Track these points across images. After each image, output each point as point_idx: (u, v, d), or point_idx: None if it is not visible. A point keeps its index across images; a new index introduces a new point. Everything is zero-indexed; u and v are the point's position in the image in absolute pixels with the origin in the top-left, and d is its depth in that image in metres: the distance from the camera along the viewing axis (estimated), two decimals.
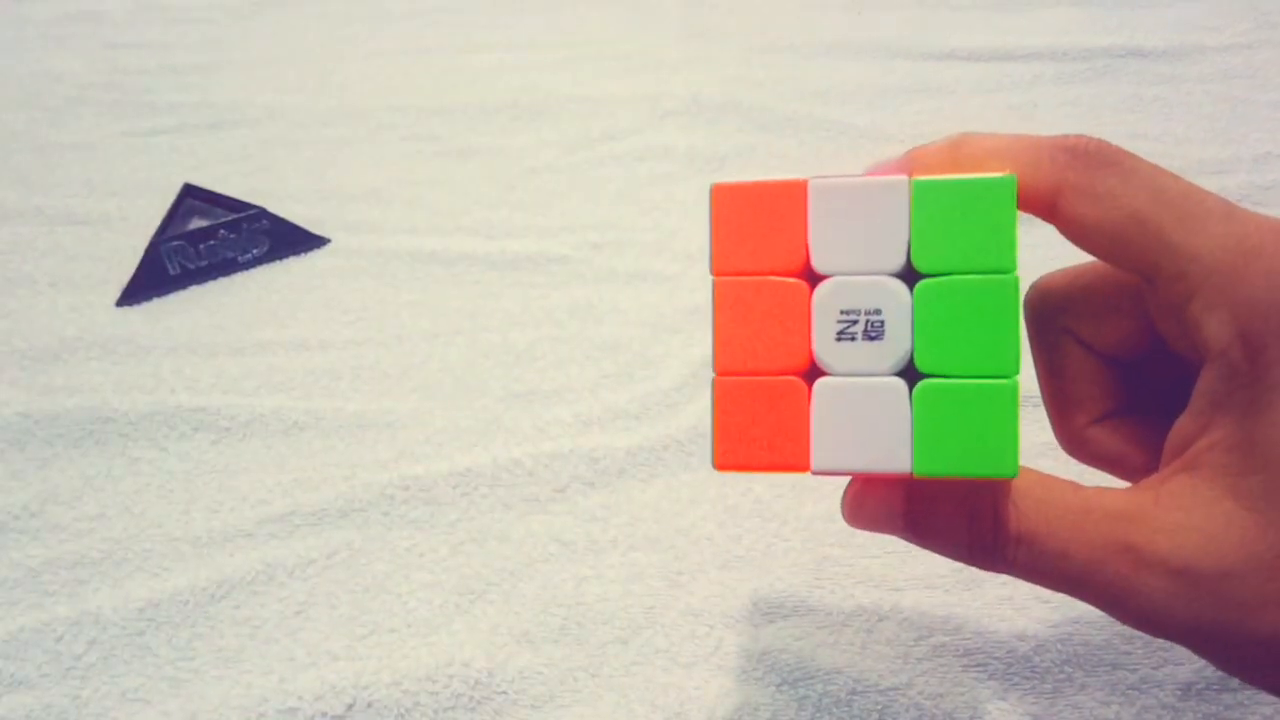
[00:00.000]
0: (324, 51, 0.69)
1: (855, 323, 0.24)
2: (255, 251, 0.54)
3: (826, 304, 0.24)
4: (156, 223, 0.56)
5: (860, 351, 0.24)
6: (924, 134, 0.60)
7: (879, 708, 0.37)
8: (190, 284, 0.53)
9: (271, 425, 0.47)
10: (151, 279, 0.53)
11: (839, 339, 0.24)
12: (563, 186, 0.58)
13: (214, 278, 0.53)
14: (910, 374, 0.24)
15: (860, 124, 0.61)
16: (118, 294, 0.53)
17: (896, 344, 0.23)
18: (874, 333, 0.23)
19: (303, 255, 0.55)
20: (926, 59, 0.65)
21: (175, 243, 0.53)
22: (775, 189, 0.24)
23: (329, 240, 0.55)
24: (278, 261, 0.54)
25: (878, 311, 0.23)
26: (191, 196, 0.57)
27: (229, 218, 0.54)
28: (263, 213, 0.55)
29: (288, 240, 0.55)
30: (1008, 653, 0.38)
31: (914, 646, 0.39)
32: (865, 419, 0.23)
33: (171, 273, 0.53)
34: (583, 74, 0.66)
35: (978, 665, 0.38)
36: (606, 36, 0.69)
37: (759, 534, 0.42)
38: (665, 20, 0.70)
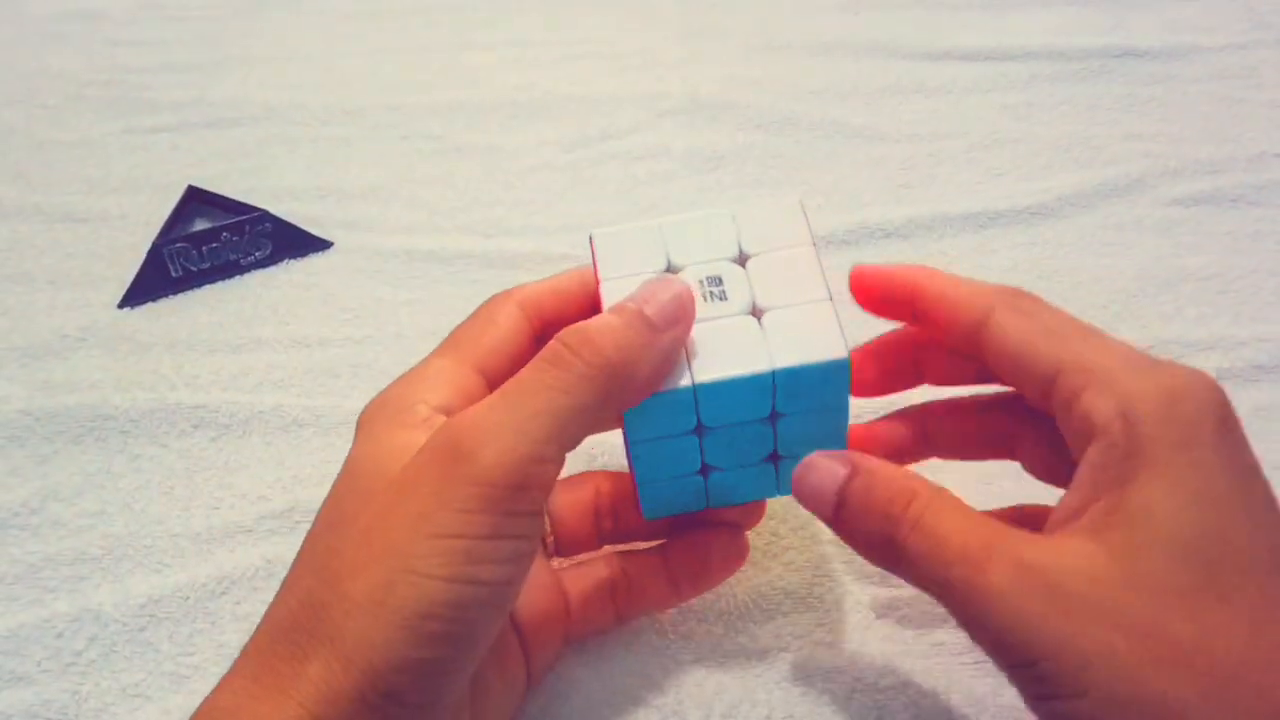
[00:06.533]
0: (323, 50, 0.69)
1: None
2: (258, 254, 0.54)
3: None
4: (156, 221, 0.56)
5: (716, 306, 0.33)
6: (921, 133, 0.60)
7: (877, 705, 0.37)
8: (192, 286, 0.53)
9: (271, 422, 0.47)
10: (153, 281, 0.53)
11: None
12: (561, 185, 0.59)
13: (216, 280, 0.53)
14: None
15: (857, 123, 0.61)
16: (117, 291, 0.53)
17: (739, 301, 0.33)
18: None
19: (304, 257, 0.55)
20: (923, 59, 0.65)
21: (178, 245, 0.53)
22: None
23: (331, 243, 0.55)
24: (279, 264, 0.54)
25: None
26: (195, 199, 0.57)
27: (232, 220, 0.54)
28: (265, 215, 0.55)
29: (290, 243, 0.55)
30: None
31: (912, 644, 0.39)
32: (730, 342, 0.32)
33: (174, 275, 0.53)
34: (581, 73, 0.66)
35: (975, 663, 0.38)
36: (604, 36, 0.69)
37: (757, 531, 0.43)
38: (663, 20, 0.70)
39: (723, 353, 0.32)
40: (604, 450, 0.45)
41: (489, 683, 0.34)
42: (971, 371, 0.35)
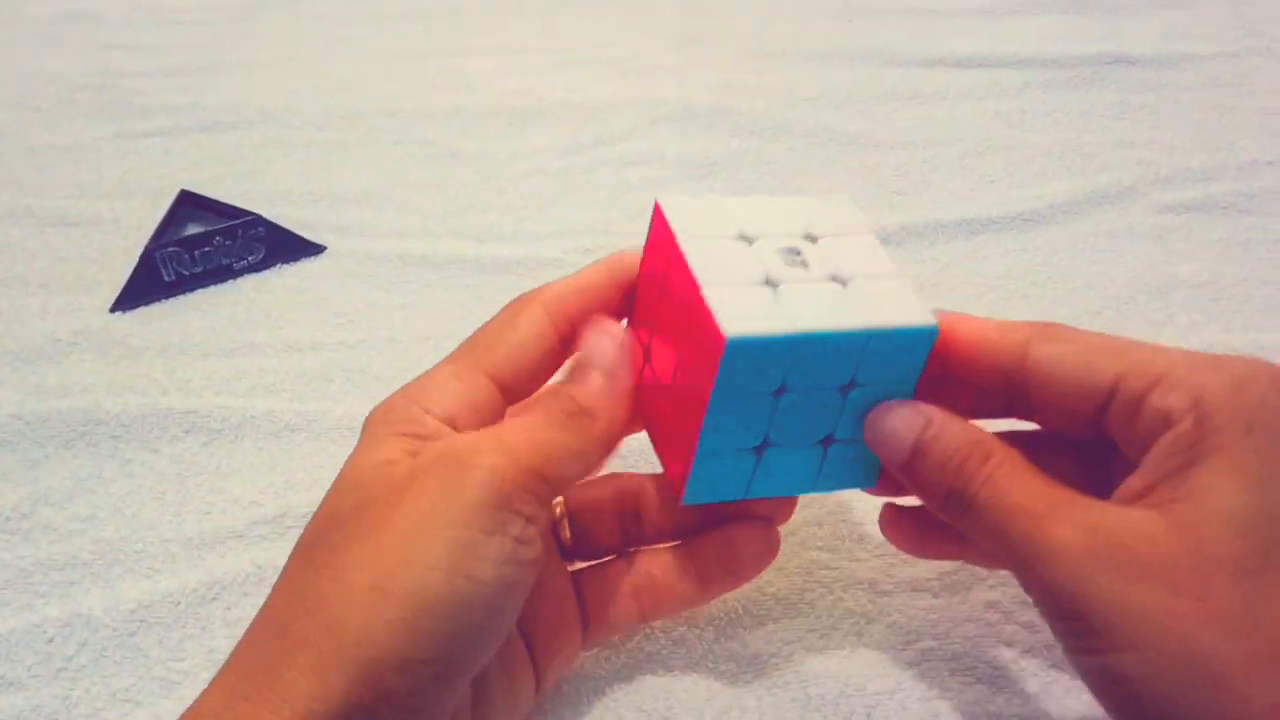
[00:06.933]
0: (318, 54, 0.69)
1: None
2: (250, 258, 0.54)
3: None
4: (148, 225, 0.56)
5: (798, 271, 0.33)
6: (915, 140, 0.61)
7: (867, 710, 0.37)
8: (185, 290, 0.53)
9: (263, 427, 0.47)
10: (146, 285, 0.53)
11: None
12: (554, 191, 0.59)
13: (209, 284, 0.53)
14: None
15: (851, 130, 0.61)
16: (109, 295, 0.53)
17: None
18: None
19: (297, 261, 0.55)
20: (917, 66, 0.65)
21: (170, 249, 0.53)
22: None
23: (324, 248, 0.55)
24: (272, 268, 0.54)
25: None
26: (188, 203, 0.57)
27: (225, 224, 0.54)
28: (258, 219, 0.55)
29: (283, 247, 0.55)
30: (995, 656, 0.39)
31: (902, 650, 0.39)
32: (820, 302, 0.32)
33: (166, 279, 0.53)
34: (575, 79, 0.66)
35: (965, 669, 0.38)
36: (599, 42, 0.69)
37: None
38: (658, 26, 0.70)
39: (815, 309, 0.32)
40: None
41: (492, 691, 0.33)
42: (999, 407, 0.36)
